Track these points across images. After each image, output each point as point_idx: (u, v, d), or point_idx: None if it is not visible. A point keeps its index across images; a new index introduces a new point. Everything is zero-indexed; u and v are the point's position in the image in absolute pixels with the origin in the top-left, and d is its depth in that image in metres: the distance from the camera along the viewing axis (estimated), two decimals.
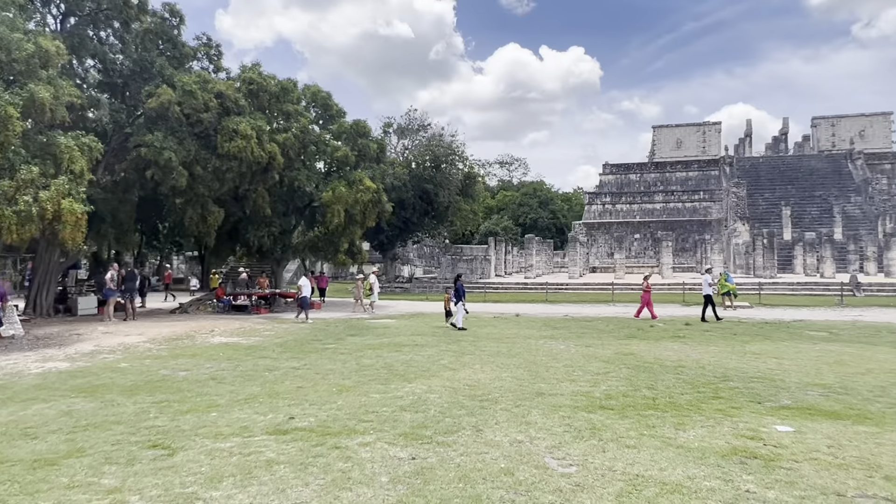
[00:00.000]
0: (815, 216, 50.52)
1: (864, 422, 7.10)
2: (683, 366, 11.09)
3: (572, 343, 14.46)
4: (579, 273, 43.63)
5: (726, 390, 8.99)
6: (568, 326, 18.48)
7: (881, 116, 64.88)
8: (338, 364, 11.58)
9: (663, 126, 71.12)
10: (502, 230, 68.34)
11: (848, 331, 17.03)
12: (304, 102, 28.75)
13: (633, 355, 12.36)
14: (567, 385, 9.43)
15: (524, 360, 11.84)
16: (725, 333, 16.39)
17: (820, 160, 59.56)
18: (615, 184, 62.83)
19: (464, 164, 43.41)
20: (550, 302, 30.82)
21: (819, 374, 10.24)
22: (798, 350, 13.06)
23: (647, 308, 21.28)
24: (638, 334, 16.21)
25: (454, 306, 18.24)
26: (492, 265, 44.83)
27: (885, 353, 12.58)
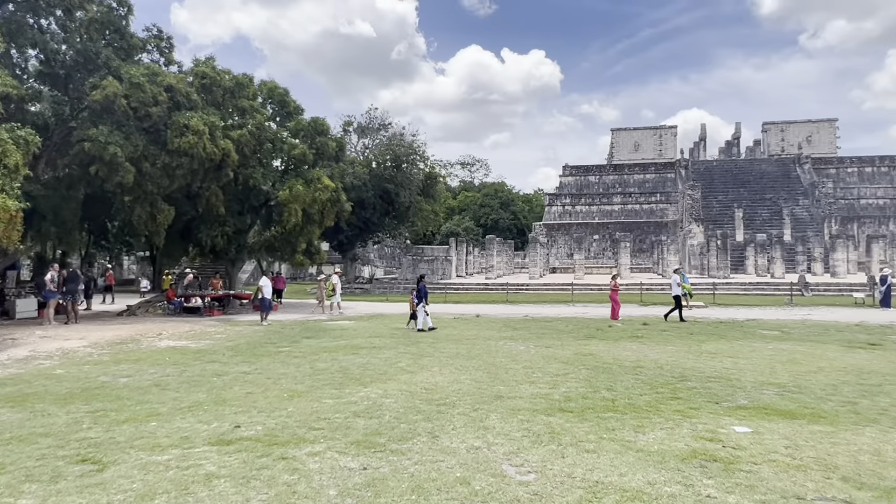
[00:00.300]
0: (765, 218, 52.10)
1: (818, 421, 7.12)
2: (642, 366, 11.06)
3: (532, 344, 14.34)
4: (539, 273, 43.88)
5: (684, 391, 8.96)
6: (528, 327, 18.40)
7: (827, 123, 67.46)
8: (291, 368, 11.15)
9: (621, 129, 72.33)
10: (464, 231, 68.34)
11: (798, 329, 17.44)
12: (260, 99, 27.98)
13: (593, 356, 12.31)
14: (526, 387, 9.25)
15: (483, 362, 11.64)
16: (682, 333, 16.56)
17: (770, 164, 61.52)
18: (575, 185, 63.55)
19: (425, 164, 43.19)
20: (511, 302, 30.82)
21: (773, 373, 10.34)
22: (752, 349, 13.24)
23: (614, 307, 21.34)
24: (597, 335, 16.23)
25: (420, 308, 17.91)
26: (453, 266, 44.69)
27: (835, 352, 12.85)
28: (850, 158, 61.22)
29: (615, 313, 21.19)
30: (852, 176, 58.95)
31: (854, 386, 9.16)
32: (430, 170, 43.51)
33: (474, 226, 72.81)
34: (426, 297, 18.18)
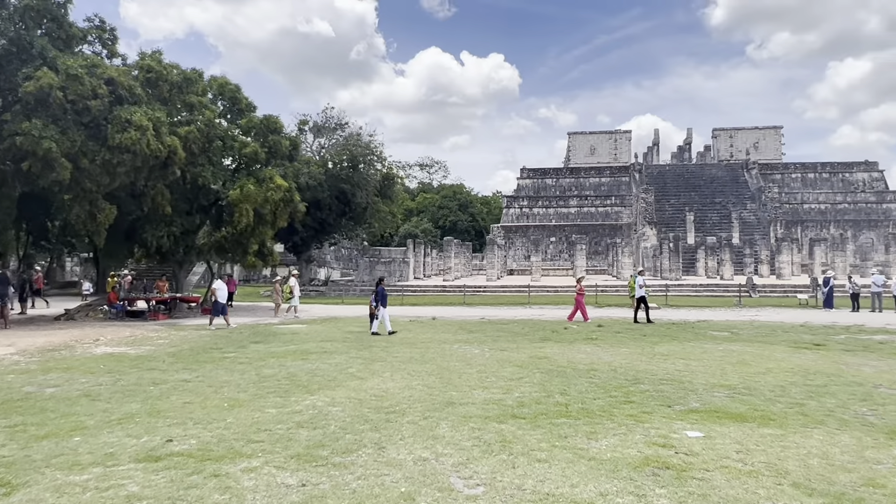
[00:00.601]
0: (715, 221, 53.59)
1: (768, 423, 7.11)
2: (596, 369, 10.99)
3: (487, 347, 14.15)
4: (497, 275, 43.95)
5: (637, 394, 8.89)
6: (484, 330, 18.23)
7: (772, 130, 70.00)
8: (235, 375, 10.63)
9: (578, 133, 73.35)
10: (422, 232, 68.04)
11: (747, 330, 17.79)
12: (210, 95, 27.07)
13: (547, 359, 12.19)
14: (479, 392, 9.02)
15: (437, 367, 11.36)
16: (636, 335, 16.66)
17: (720, 169, 63.37)
18: (532, 188, 64.07)
19: (382, 165, 42.72)
20: (468, 304, 30.68)
21: (724, 374, 10.41)
22: (703, 350, 13.37)
23: (579, 310, 21.35)
24: (552, 337, 16.17)
25: (379, 311, 17.52)
26: (410, 267, 44.33)
27: (782, 353, 13.09)
28: (794, 164, 63.65)
29: (584, 315, 21.23)
30: (796, 181, 61.27)
31: (801, 387, 9.27)
32: (388, 171, 43.06)
33: (432, 227, 72.58)
34: (385, 300, 17.84)
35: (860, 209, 57.44)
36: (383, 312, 17.38)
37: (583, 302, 21.55)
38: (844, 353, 13.07)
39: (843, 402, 8.21)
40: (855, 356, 12.58)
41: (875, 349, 13.68)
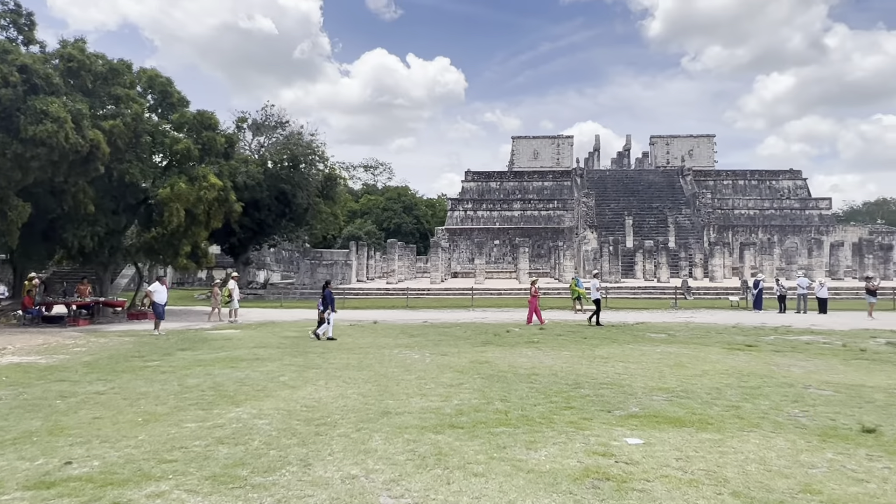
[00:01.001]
0: (653, 225, 55.18)
1: (706, 428, 7.06)
2: (537, 373, 10.82)
3: (428, 352, 13.81)
4: (441, 278, 43.73)
5: (578, 399, 8.74)
6: (426, 333, 17.88)
7: (706, 138, 72.85)
8: (155, 386, 9.88)
9: (522, 137, 74.17)
10: (365, 234, 67.11)
11: (683, 332, 18.16)
12: (140, 88, 25.65)
13: (489, 363, 11.95)
14: (417, 401, 8.66)
15: (374, 373, 10.93)
16: (577, 337, 16.70)
17: (657, 175, 65.39)
18: (476, 191, 64.29)
19: (324, 165, 41.76)
20: (411, 308, 30.28)
21: (662, 377, 10.43)
22: (642, 353, 13.47)
23: (535, 314, 21.26)
24: (494, 340, 15.99)
25: (328, 314, 16.90)
26: (353, 270, 43.53)
27: (717, 354, 13.33)
28: (726, 172, 66.41)
29: (539, 317, 21.15)
30: (728, 188, 63.93)
31: (736, 389, 9.36)
32: (330, 171, 42.14)
33: (377, 230, 71.72)
34: (332, 304, 17.26)
35: (786, 215, 60.45)
36: (330, 316, 16.81)
37: (536, 304, 21.49)
38: (774, 353, 13.43)
39: (776, 404, 8.30)
40: (784, 357, 12.93)
41: (802, 349, 14.13)
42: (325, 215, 40.96)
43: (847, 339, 16.07)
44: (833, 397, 8.74)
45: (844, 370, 11.17)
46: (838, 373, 10.87)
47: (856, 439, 6.58)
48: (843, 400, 8.55)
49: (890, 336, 17.05)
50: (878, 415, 7.69)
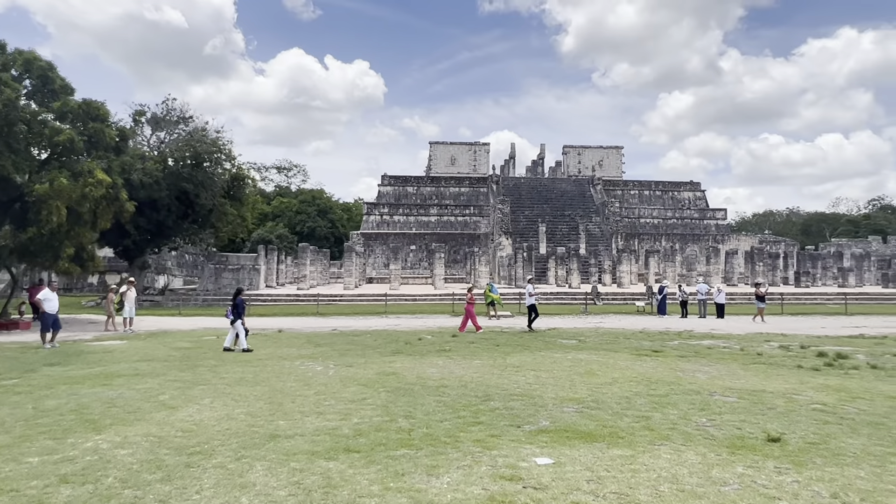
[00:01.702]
0: (565, 233, 56.59)
1: (617, 442, 6.73)
2: (446, 385, 10.26)
3: (332, 363, 12.94)
4: (355, 284, 42.60)
5: (487, 412, 8.24)
6: (333, 343, 16.96)
7: (615, 150, 75.93)
8: (4, 410, 8.46)
9: (439, 143, 74.19)
10: (277, 238, 64.58)
11: (593, 338, 18.27)
12: (15, 72, 23.05)
13: (396, 375, 11.27)
14: (312, 420, 7.84)
15: (269, 389, 9.97)
16: (489, 345, 16.35)
17: (569, 183, 67.30)
18: (393, 195, 63.50)
19: (232, 164, 39.54)
20: (321, 315, 29.10)
21: (573, 386, 10.16)
22: (554, 360, 13.25)
23: (470, 320, 20.65)
24: (405, 349, 15.34)
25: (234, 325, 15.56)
26: (261, 275, 41.51)
27: (625, 360, 13.33)
28: (633, 182, 69.41)
29: (475, 324, 20.58)
30: (634, 197, 66.80)
31: (645, 398, 9.20)
32: (238, 170, 39.97)
33: (289, 233, 69.19)
34: (244, 313, 15.99)
35: (686, 224, 63.92)
36: (238, 327, 15.57)
37: (472, 311, 20.96)
38: (680, 359, 13.62)
39: (684, 413, 8.16)
40: (689, 362, 13.12)
41: (705, 354, 14.46)
42: (232, 217, 38.74)
43: (744, 344, 16.69)
44: (737, 404, 8.74)
45: (745, 375, 11.39)
46: (740, 378, 11.05)
47: (763, 450, 6.45)
48: (747, 407, 8.55)
49: (781, 340, 17.91)
50: (780, 422, 7.68)
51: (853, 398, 9.18)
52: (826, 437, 6.98)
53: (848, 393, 9.56)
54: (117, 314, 21.99)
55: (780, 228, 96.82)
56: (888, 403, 8.80)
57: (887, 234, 71.67)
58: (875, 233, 73.54)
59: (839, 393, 9.57)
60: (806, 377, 11.11)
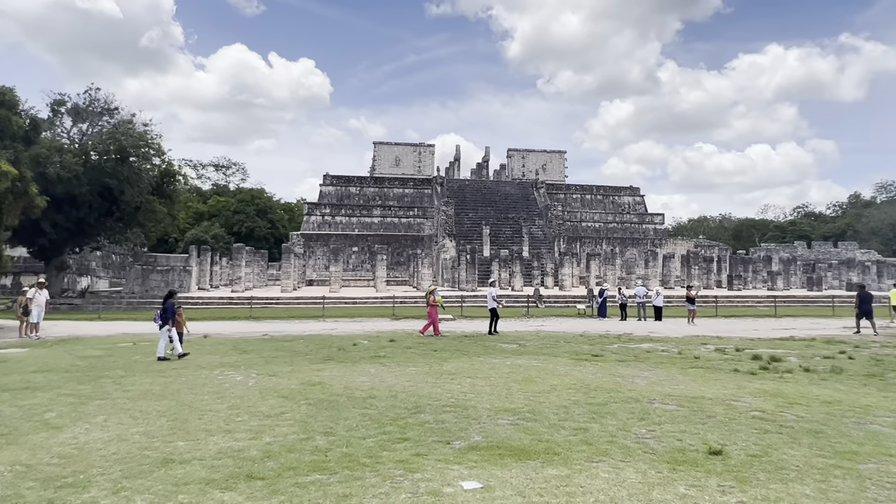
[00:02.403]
0: (508, 235, 56.70)
1: (553, 460, 6.19)
2: (375, 396, 9.53)
3: (255, 372, 11.99)
4: (293, 286, 41.16)
5: (415, 427, 7.58)
6: (261, 349, 15.91)
7: (558, 154, 76.86)
8: None
9: (384, 143, 73.18)
10: (212, 238, 61.94)
11: (533, 342, 17.91)
12: None
13: (322, 385, 10.45)
14: (217, 440, 6.97)
15: (176, 403, 8.98)
16: (426, 350, 15.71)
17: (513, 186, 67.62)
18: (336, 195, 62.06)
19: (161, 159, 37.46)
20: (255, 319, 27.77)
21: (510, 395, 9.62)
22: (492, 367, 12.72)
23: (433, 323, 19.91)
24: (337, 356, 14.49)
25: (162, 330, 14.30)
26: (192, 277, 39.50)
27: (565, 366, 12.95)
28: (576, 186, 70.42)
29: (435, 328, 19.84)
30: (577, 201, 67.75)
31: (584, 406, 8.75)
32: (168, 166, 37.91)
33: (226, 233, 66.54)
34: (174, 317, 14.71)
35: (626, 228, 65.27)
36: (165, 332, 14.34)
37: (436, 315, 20.19)
38: (619, 364, 13.36)
39: (624, 424, 7.73)
40: (628, 367, 12.85)
41: (644, 359, 14.27)
42: (161, 215, 36.67)
43: (682, 347, 16.67)
44: (677, 412, 8.39)
45: (684, 380, 11.16)
46: (679, 383, 10.80)
47: (705, 464, 6.05)
48: (687, 415, 8.22)
49: (717, 343, 18.04)
50: (720, 432, 7.35)
51: (790, 404, 9.02)
52: (767, 448, 6.67)
53: (785, 398, 9.41)
54: (25, 318, 20.19)
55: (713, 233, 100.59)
56: (824, 409, 8.66)
57: (811, 239, 75.45)
58: (800, 238, 77.27)
59: (776, 398, 9.41)
60: (743, 382, 10.97)
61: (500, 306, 21.86)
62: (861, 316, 21.43)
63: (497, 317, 21.12)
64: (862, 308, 21.39)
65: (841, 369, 12.56)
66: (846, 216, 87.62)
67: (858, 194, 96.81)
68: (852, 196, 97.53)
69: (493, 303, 21.24)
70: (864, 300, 21.41)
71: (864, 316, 21.32)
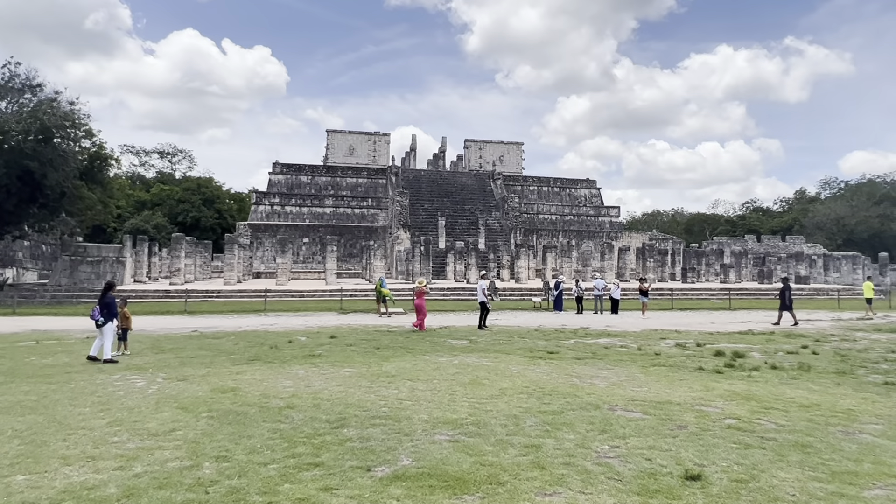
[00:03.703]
0: (464, 227, 55.59)
1: (496, 494, 4.93)
2: (295, 405, 8.10)
3: (164, 376, 10.38)
4: (237, 279, 38.99)
5: (334, 446, 6.22)
6: (182, 348, 14.23)
7: (515, 146, 76.13)
8: None
9: (337, 131, 70.95)
10: (154, 228, 58.74)
11: (486, 337, 16.75)
12: None
13: (235, 392, 8.95)
14: (71, 472, 5.44)
15: (45, 419, 7.36)
16: (368, 347, 14.32)
17: (470, 177, 66.51)
18: (286, 184, 59.63)
19: (91, 142, 34.71)
20: (190, 313, 25.80)
21: (453, 402, 8.34)
22: (437, 366, 11.44)
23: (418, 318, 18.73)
24: (266, 355, 12.95)
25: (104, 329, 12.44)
26: (126, 268, 36.88)
27: (517, 364, 11.78)
28: (533, 178, 69.82)
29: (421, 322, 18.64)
30: (534, 193, 67.14)
31: (537, 416, 7.54)
32: (98, 149, 35.16)
33: (168, 223, 63.25)
34: (116, 314, 12.88)
35: (582, 221, 65.05)
36: (110, 330, 12.53)
37: (424, 306, 18.96)
38: (576, 362, 12.28)
39: (583, 438, 6.54)
40: (586, 365, 11.78)
41: (602, 355, 13.25)
42: (90, 202, 33.99)
43: (641, 342, 15.78)
44: (643, 422, 7.27)
45: (646, 381, 10.12)
46: (641, 385, 9.74)
47: (682, 494, 4.90)
48: (655, 426, 7.09)
49: (676, 337, 17.25)
50: (695, 447, 6.24)
51: (766, 409, 8.03)
52: (753, 469, 5.57)
53: (759, 402, 8.43)
54: None
55: (666, 227, 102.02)
56: (804, 415, 7.69)
57: (760, 233, 77.07)
58: (750, 232, 78.85)
59: (749, 402, 8.42)
60: (710, 382, 10.00)
61: (490, 301, 20.93)
62: (784, 308, 21.98)
63: (487, 310, 20.10)
64: (784, 300, 22.04)
65: (809, 366, 11.77)
66: (793, 211, 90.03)
67: (804, 190, 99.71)
68: (798, 192, 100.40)
69: (483, 296, 20.14)
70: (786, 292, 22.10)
71: (786, 308, 21.92)
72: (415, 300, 19.58)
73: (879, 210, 70.48)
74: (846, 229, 71.15)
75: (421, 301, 19.12)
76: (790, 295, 22.06)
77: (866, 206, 71.78)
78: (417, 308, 19.22)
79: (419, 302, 19.15)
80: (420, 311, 19.07)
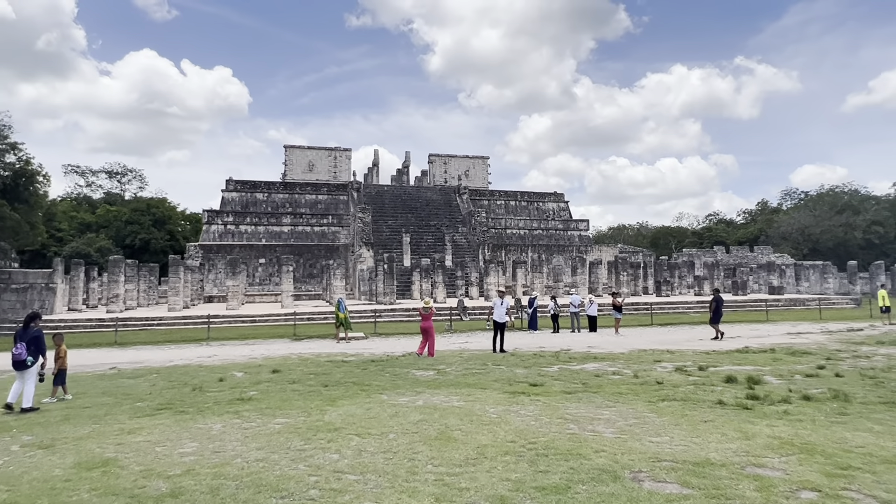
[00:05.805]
0: (430, 243, 53.30)
1: None
2: (180, 492, 5.60)
3: (29, 437, 7.75)
4: (183, 304, 35.76)
5: None
6: (83, 393, 11.54)
7: (481, 160, 74.51)
8: None
9: (296, 147, 68.17)
10: (97, 252, 54.74)
11: (456, 365, 14.38)
12: None
13: (108, 467, 6.39)
14: None
15: None
16: (314, 384, 11.81)
17: (435, 192, 64.41)
18: (240, 202, 56.45)
19: (16, 157, 31.39)
20: (122, 345, 22.85)
21: (413, 475, 5.97)
22: (395, 411, 9.03)
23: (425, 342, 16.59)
24: (182, 401, 10.34)
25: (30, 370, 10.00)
26: (57, 296, 33.36)
27: (496, 404, 9.46)
28: (500, 192, 68.13)
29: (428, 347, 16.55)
30: (501, 208, 65.38)
31: (534, 498, 5.22)
32: (24, 165, 31.85)
33: (114, 246, 59.15)
34: (43, 351, 10.39)
35: (552, 235, 63.49)
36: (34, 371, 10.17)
37: (432, 329, 16.71)
38: (567, 397, 10.03)
39: None
40: (580, 403, 9.54)
41: (595, 387, 11.04)
42: (14, 223, 30.58)
43: (634, 366, 13.68)
44: (688, 503, 5.02)
45: (662, 424, 7.93)
46: (658, 431, 7.54)
47: None
48: None
49: (670, 358, 15.25)
50: None
51: (841, 468, 5.89)
52: None
53: (825, 456, 6.29)
54: None
55: (632, 241, 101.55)
56: None
57: (727, 244, 76.83)
58: (717, 244, 78.54)
59: (813, 457, 6.28)
60: (744, 424, 7.85)
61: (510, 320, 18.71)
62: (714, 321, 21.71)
63: (502, 332, 17.99)
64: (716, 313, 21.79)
65: (845, 395, 9.77)
66: (757, 222, 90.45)
67: (766, 201, 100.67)
68: (760, 203, 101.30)
69: (505, 316, 18.13)
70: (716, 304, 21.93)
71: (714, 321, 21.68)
72: (421, 323, 17.13)
73: (842, 219, 70.88)
74: (811, 239, 71.32)
75: (428, 324, 16.71)
76: (720, 308, 21.98)
77: (829, 216, 72.18)
78: (424, 331, 16.82)
79: (426, 325, 16.76)
80: (427, 334, 16.69)
